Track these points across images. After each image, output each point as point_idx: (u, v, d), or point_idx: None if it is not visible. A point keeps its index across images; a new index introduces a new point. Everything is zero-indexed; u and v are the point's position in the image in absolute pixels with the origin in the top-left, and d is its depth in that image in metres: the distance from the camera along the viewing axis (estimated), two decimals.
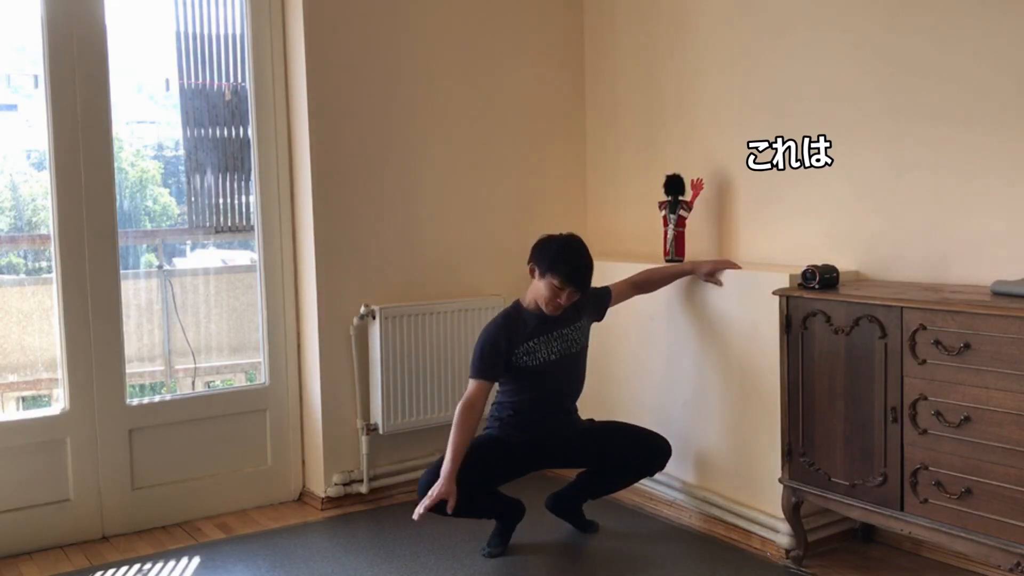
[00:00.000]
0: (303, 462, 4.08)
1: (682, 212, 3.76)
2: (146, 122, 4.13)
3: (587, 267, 3.36)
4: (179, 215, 4.04)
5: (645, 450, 3.53)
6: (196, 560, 3.43)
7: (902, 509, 2.86)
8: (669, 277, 3.68)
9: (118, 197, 3.64)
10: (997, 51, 2.98)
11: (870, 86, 3.32)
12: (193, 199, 3.93)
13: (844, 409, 3.00)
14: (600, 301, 3.61)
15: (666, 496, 3.79)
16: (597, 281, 3.95)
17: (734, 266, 3.55)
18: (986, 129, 3.02)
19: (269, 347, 3.98)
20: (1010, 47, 2.94)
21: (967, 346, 2.66)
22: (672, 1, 4.04)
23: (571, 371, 3.49)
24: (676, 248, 3.77)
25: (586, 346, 3.53)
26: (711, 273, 3.55)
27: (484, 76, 4.25)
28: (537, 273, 3.35)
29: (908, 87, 3.21)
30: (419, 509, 3.19)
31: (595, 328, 4.00)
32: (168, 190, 4.08)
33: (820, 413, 3.07)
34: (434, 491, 3.16)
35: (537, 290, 3.35)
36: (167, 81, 4.01)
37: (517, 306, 3.43)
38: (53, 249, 3.53)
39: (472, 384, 3.33)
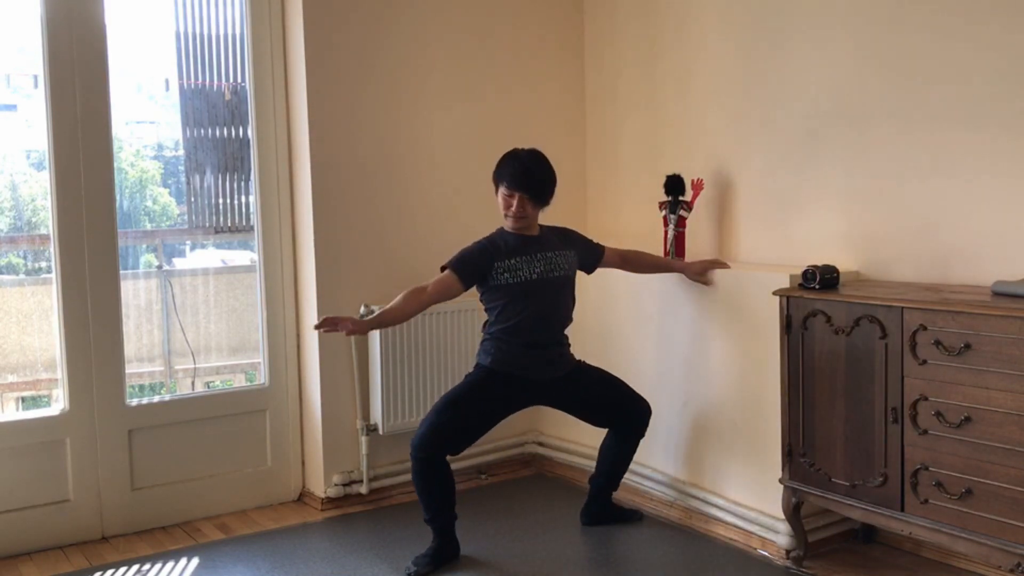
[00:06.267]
0: (303, 462, 4.08)
1: (682, 212, 3.75)
2: (146, 122, 4.13)
3: (529, 169, 3.31)
4: (179, 215, 4.04)
5: (624, 413, 3.53)
6: (196, 561, 3.42)
7: (902, 509, 2.86)
8: (657, 267, 3.68)
9: (118, 197, 3.64)
10: (996, 52, 2.98)
11: (871, 86, 3.32)
12: (193, 199, 3.93)
13: (844, 409, 3.00)
14: (591, 251, 3.58)
15: (666, 496, 3.79)
16: (593, 278, 3.95)
17: (724, 265, 3.55)
18: (986, 129, 3.02)
19: (269, 347, 3.98)
20: (1010, 49, 2.94)
21: (967, 346, 2.66)
22: (673, 0, 4.04)
23: (554, 295, 3.39)
24: (676, 248, 3.77)
25: (572, 277, 3.46)
26: (701, 272, 3.55)
27: (484, 76, 4.24)
28: (495, 187, 3.38)
29: (909, 87, 3.21)
30: (321, 323, 3.16)
31: (596, 327, 4.00)
32: (168, 190, 4.07)
33: (820, 413, 3.07)
34: (339, 318, 3.18)
35: (500, 206, 3.38)
36: (167, 81, 4.00)
37: (500, 230, 3.43)
38: (53, 249, 3.53)
39: (440, 274, 3.32)
